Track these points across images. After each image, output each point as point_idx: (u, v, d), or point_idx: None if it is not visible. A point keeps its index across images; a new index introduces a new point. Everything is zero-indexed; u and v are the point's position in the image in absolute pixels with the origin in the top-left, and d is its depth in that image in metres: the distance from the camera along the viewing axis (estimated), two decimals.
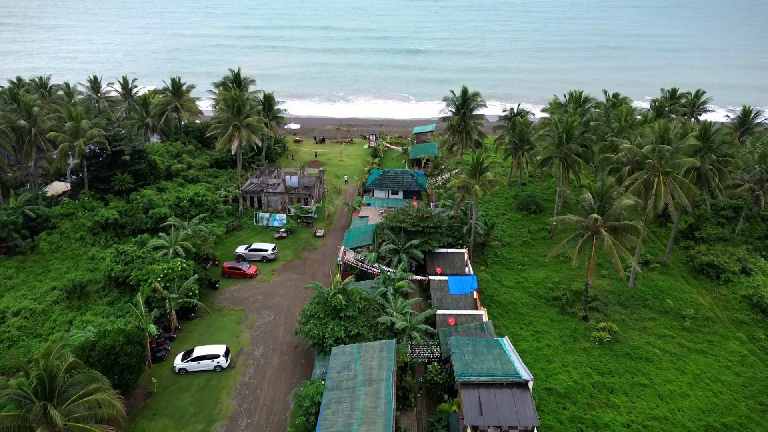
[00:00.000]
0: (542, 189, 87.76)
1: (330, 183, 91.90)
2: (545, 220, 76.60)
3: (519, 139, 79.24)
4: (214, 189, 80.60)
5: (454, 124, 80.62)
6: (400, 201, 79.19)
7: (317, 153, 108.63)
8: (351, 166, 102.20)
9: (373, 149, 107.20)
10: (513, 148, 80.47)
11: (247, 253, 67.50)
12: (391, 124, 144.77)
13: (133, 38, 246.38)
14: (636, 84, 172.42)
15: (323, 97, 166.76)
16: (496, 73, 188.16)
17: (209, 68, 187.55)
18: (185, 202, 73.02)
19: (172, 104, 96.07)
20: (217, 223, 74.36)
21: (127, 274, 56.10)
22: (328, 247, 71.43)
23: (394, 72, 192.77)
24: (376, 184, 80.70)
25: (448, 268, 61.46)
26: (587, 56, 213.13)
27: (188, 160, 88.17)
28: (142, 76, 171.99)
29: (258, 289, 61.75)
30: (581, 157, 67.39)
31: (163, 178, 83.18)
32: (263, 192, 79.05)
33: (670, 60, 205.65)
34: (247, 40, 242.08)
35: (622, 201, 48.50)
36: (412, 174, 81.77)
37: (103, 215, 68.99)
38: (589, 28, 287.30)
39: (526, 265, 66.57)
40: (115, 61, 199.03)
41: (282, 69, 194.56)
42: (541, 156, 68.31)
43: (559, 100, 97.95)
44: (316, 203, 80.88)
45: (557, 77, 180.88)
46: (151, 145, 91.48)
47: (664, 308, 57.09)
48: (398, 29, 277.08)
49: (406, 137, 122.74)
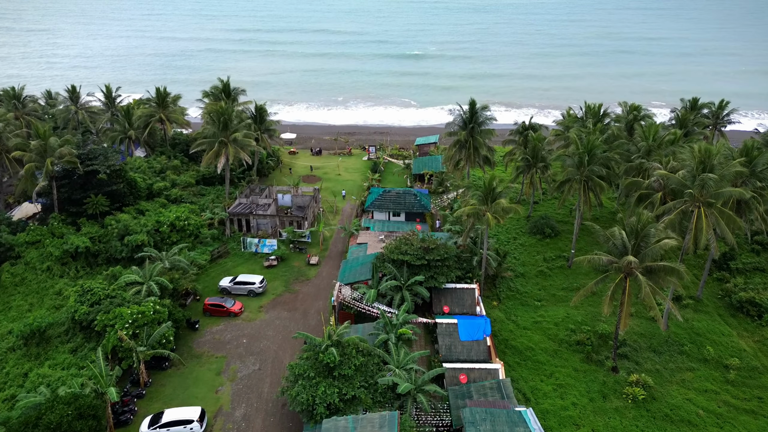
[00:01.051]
0: (555, 208, 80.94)
1: (326, 202, 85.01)
2: (562, 246, 69.77)
3: (532, 155, 72.51)
4: (198, 211, 73.77)
5: (461, 140, 73.80)
6: (402, 224, 72.38)
7: (313, 167, 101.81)
8: (349, 181, 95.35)
9: (372, 163, 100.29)
10: (525, 166, 73.73)
11: (231, 286, 60.63)
12: (392, 132, 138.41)
13: (126, 41, 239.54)
14: (647, 91, 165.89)
15: (321, 104, 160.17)
16: (499, 80, 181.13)
17: (202, 75, 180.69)
18: (165, 228, 66.15)
19: (157, 116, 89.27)
20: (201, 250, 67.59)
21: (92, 318, 49.27)
22: (323, 277, 64.55)
23: (395, 77, 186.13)
24: (376, 205, 73.86)
25: (457, 306, 54.63)
26: (594, 62, 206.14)
27: (172, 177, 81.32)
28: (132, 83, 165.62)
29: (243, 330, 54.89)
30: (604, 179, 60.57)
31: (144, 197, 76.39)
32: (252, 214, 72.20)
33: (682, 66, 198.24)
34: (243, 44, 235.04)
35: (663, 241, 41.64)
36: (415, 194, 74.92)
37: (73, 243, 62.17)
38: (594, 30, 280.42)
39: (543, 300, 59.69)
40: (104, 67, 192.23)
41: (278, 74, 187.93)
42: (560, 178, 61.42)
43: (573, 112, 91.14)
44: (310, 227, 74.07)
45: (564, 84, 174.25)
46: (133, 161, 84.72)
47: (704, 356, 50.23)
48: (398, 32, 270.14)
49: (407, 148, 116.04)
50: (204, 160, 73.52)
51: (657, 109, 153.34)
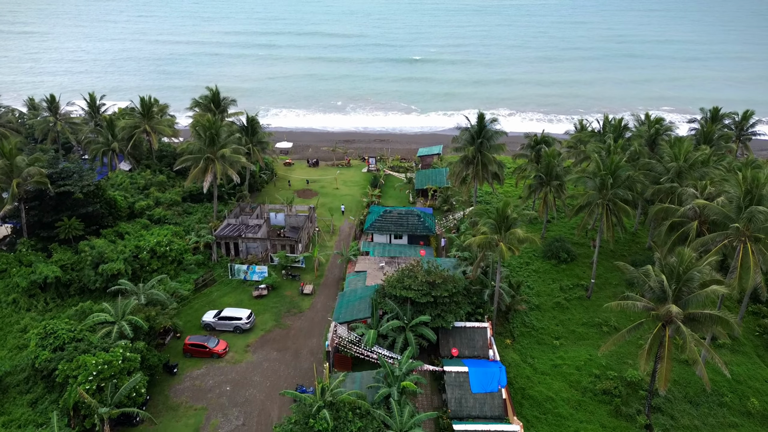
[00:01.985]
0: (569, 228, 75.07)
1: (322, 220, 79.04)
2: (579, 272, 63.88)
3: (546, 173, 66.64)
4: (183, 233, 67.84)
5: (468, 156, 67.89)
6: (404, 247, 66.48)
7: (309, 180, 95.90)
8: (347, 196, 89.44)
9: (372, 176, 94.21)
10: (538, 184, 67.87)
11: (216, 321, 54.74)
12: (393, 140, 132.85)
13: (118, 45, 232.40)
14: (656, 98, 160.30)
15: (319, 109, 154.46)
16: (503, 85, 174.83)
17: (197, 81, 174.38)
18: (145, 254, 60.23)
19: (141, 127, 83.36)
20: (184, 278, 61.73)
21: (53, 367, 43.37)
22: (317, 309, 58.64)
23: (395, 82, 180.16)
24: (376, 227, 67.95)
25: (467, 347, 48.80)
26: (600, 66, 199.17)
27: (156, 195, 75.38)
28: (123, 90, 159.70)
29: (227, 374, 48.99)
30: (629, 203, 54.71)
31: (126, 217, 70.51)
32: (241, 238, 66.28)
33: (691, 71, 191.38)
34: (238, 47, 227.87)
35: (711, 287, 35.74)
36: (419, 214, 68.95)
37: (41, 273, 56.28)
38: (598, 33, 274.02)
39: (561, 337, 53.77)
40: (93, 72, 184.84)
41: (275, 79, 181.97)
42: (579, 201, 55.56)
43: (586, 122, 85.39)
44: (304, 251, 68.20)
45: (570, 90, 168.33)
46: (115, 177, 78.84)
47: (747, 409, 44.39)
48: (398, 35, 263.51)
49: (409, 158, 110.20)
50: (189, 179, 67.66)
51: (665, 113, 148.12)
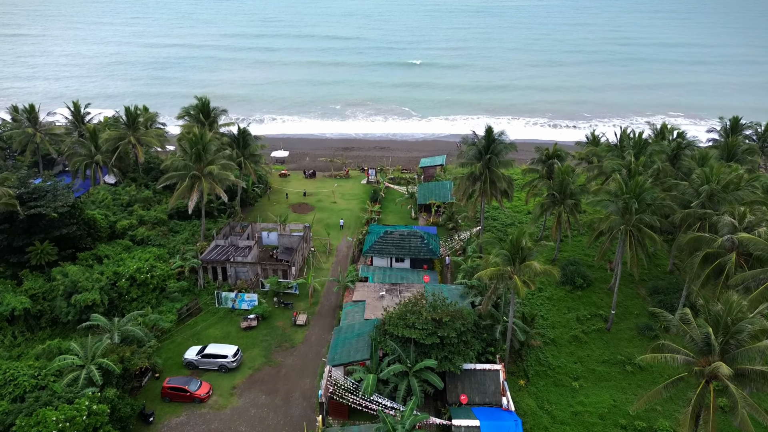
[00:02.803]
0: (583, 247, 70.01)
1: (318, 240, 73.88)
2: (597, 300, 58.81)
3: (559, 191, 61.60)
4: (167, 256, 62.75)
5: (475, 173, 62.77)
6: (406, 272, 61.39)
7: (306, 192, 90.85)
8: (346, 211, 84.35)
9: (372, 189, 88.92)
10: (551, 202, 62.81)
11: (199, 359, 49.66)
12: (393, 147, 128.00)
13: (110, 48, 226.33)
14: (664, 104, 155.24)
15: (317, 115, 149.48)
16: (505, 90, 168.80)
17: (191, 87, 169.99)
18: (124, 282, 55.16)
19: (126, 139, 78.30)
20: (166, 307, 56.66)
21: (10, 422, 38.26)
22: (311, 344, 53.53)
23: (395, 87, 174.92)
24: (376, 250, 62.81)
25: (477, 393, 43.74)
26: (605, 71, 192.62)
27: (140, 213, 70.26)
28: (113, 97, 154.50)
29: (209, 422, 43.90)
30: (655, 229, 49.61)
31: (106, 238, 65.45)
32: (229, 262, 61.17)
33: (699, 75, 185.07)
34: (235, 51, 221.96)
35: (766, 342, 30.64)
36: (422, 236, 63.74)
37: (8, 304, 51.24)
38: (601, 35, 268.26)
39: (580, 378, 48.67)
40: (85, 77, 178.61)
41: (271, 83, 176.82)
42: (602, 226, 50.47)
43: (600, 135, 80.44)
44: (298, 275, 63.13)
45: (575, 96, 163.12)
46: (96, 193, 73.79)
47: None
48: (397, 38, 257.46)
49: (411, 169, 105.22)
50: (174, 197, 62.60)
51: (674, 119, 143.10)
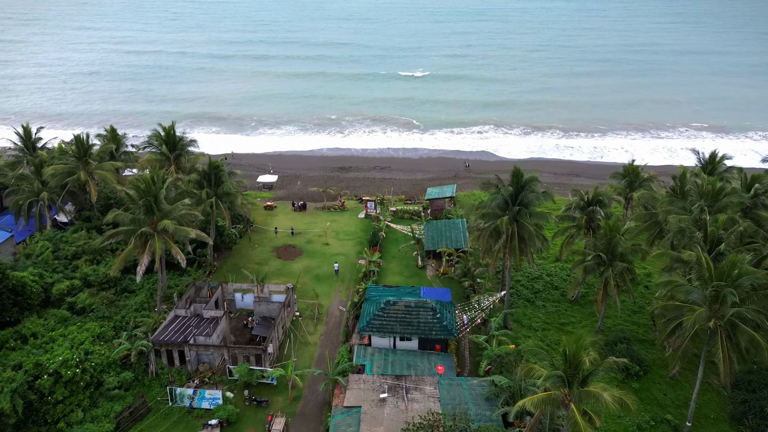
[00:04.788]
0: (630, 311, 56.92)
1: (305, 302, 60.51)
2: (657, 394, 45.68)
3: (606, 250, 48.58)
4: (111, 334, 49.73)
5: (500, 228, 49.61)
6: (414, 356, 48.31)
7: (294, 230, 77.79)
8: (340, 256, 71.24)
9: (371, 233, 75.11)
10: (596, 264, 49.73)
11: None
12: (395, 166, 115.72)
13: (95, 56, 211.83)
14: (687, 116, 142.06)
15: (311, 128, 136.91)
16: (513, 103, 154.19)
17: (174, 100, 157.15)
18: (46, 379, 42.15)
19: (76, 174, 65.27)
20: (103, 410, 43.69)
21: None
22: None
23: (395, 99, 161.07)
24: (376, 327, 49.61)
25: None
26: (619, 81, 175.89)
27: (84, 270, 57.16)
28: (86, 114, 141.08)
29: None
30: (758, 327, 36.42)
31: (39, 305, 52.53)
32: (187, 343, 48.02)
33: (726, 88, 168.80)
34: (224, 60, 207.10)
35: None
36: (433, 307, 50.32)
37: None
38: (612, 41, 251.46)
39: None
40: (55, 91, 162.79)
41: (264, 94, 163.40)
42: (687, 322, 37.13)
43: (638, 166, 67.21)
44: (275, 360, 49.99)
45: (590, 109, 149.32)
46: (34, 244, 60.83)
47: None
48: (396, 44, 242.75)
49: (414, 195, 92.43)
50: (118, 262, 49.38)
51: (698, 132, 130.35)
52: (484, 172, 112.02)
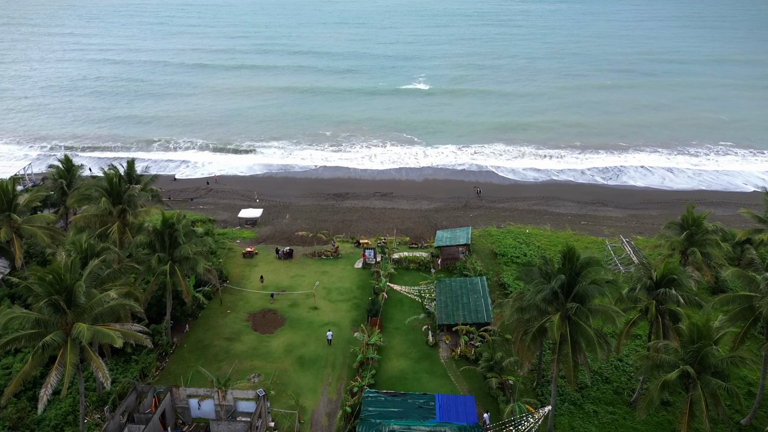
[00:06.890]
0: None
1: (281, 411, 46.33)
2: None
3: (693, 360, 34.90)
4: None
5: (545, 326, 35.88)
6: None
7: (274, 293, 63.90)
8: (332, 325, 57.48)
9: (370, 299, 60.68)
10: (679, 378, 35.98)
11: None
12: (398, 190, 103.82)
13: (72, 67, 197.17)
14: (711, 130, 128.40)
15: (305, 145, 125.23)
16: (529, 127, 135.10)
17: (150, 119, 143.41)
18: None
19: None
20: None
21: None
22: None
23: (396, 112, 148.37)
24: None
25: None
26: (633, 95, 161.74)
27: None
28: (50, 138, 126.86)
29: None
30: None
31: None
32: None
33: (735, 99, 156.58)
34: (210, 70, 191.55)
35: None
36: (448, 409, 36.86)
37: None
38: (623, 50, 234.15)
39: None
40: (17, 110, 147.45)
41: (247, 113, 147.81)
42: None
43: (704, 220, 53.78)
44: None
45: (606, 124, 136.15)
46: None
47: None
48: (396, 52, 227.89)
49: (422, 233, 79.30)
50: (9, 389, 35.11)
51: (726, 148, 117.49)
52: (498, 200, 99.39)
